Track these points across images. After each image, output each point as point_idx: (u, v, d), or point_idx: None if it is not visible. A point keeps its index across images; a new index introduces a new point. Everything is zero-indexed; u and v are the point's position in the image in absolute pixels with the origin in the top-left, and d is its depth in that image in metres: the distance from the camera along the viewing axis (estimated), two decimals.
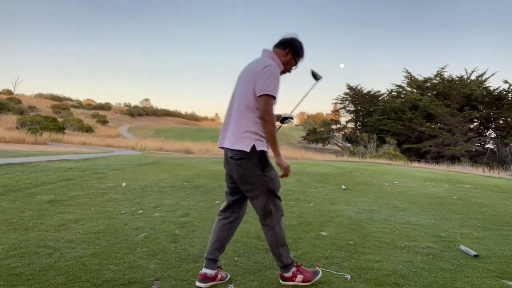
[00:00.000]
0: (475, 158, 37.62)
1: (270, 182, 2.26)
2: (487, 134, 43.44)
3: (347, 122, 56.02)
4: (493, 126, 42.64)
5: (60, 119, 39.48)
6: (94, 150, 22.18)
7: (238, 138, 2.19)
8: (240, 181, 2.28)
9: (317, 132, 55.90)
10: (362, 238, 3.58)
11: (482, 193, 8.16)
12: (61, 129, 32.18)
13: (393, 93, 50.17)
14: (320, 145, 55.56)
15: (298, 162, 17.84)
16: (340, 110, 57.11)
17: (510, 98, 39.36)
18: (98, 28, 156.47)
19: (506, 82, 39.40)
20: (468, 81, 42.63)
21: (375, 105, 50.21)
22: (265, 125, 2.16)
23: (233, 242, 3.26)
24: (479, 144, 41.09)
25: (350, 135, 53.78)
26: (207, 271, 2.32)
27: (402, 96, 48.13)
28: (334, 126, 56.52)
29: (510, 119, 39.40)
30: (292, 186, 7.35)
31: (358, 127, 53.85)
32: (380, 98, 51.61)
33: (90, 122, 54.34)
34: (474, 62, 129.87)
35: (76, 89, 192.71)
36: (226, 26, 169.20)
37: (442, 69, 45.31)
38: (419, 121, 41.27)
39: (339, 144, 54.44)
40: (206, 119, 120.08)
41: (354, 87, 53.24)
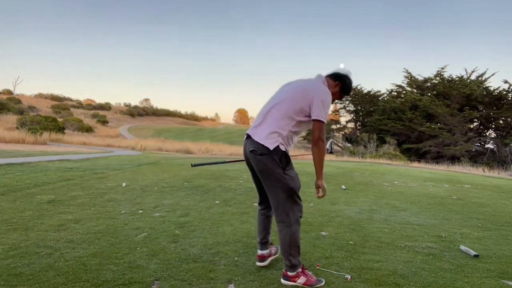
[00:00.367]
0: (475, 158, 37.60)
1: (291, 180, 2.34)
2: (487, 134, 43.41)
3: (347, 122, 56.04)
4: (493, 126, 42.61)
5: (60, 119, 39.50)
6: (94, 150, 22.18)
7: (267, 135, 2.30)
8: (261, 175, 2.38)
9: None
10: (362, 238, 3.58)
11: (482, 193, 8.16)
12: (61, 129, 32.18)
13: (393, 93, 50.15)
14: None
15: (298, 162, 17.83)
16: (340, 110, 57.11)
17: (510, 98, 39.33)
18: (98, 28, 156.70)
19: (506, 82, 39.37)
20: (468, 81, 42.59)
21: (375, 105, 50.19)
22: (317, 150, 2.34)
23: (233, 242, 3.26)
24: (479, 144, 41.06)
25: (350, 135, 53.78)
26: (263, 252, 2.66)
27: (402, 96, 48.10)
28: (334, 126, 56.48)
29: (510, 119, 39.37)
30: None
31: (358, 127, 53.85)
32: (380, 98, 51.59)
33: (90, 122, 54.35)
34: (474, 62, 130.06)
35: (76, 89, 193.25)
36: (226, 26, 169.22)
37: (442, 69, 45.31)
38: (419, 121, 41.25)
39: (339, 144, 54.45)
40: (206, 119, 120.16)
41: (354, 87, 53.24)
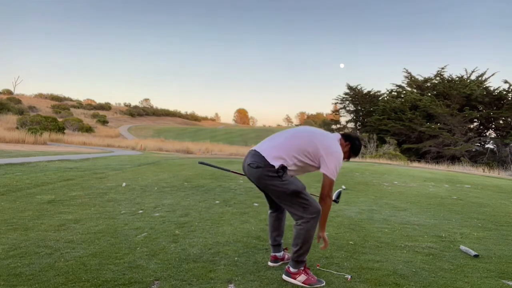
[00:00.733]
0: (475, 158, 37.60)
1: (291, 184, 2.39)
2: (487, 134, 43.39)
3: (347, 122, 56.03)
4: (493, 126, 42.60)
5: (60, 119, 39.48)
6: (94, 150, 22.18)
7: (274, 157, 2.41)
8: (260, 186, 2.49)
9: None
10: (362, 238, 3.58)
11: (482, 193, 8.17)
12: (61, 129, 32.18)
13: (393, 93, 50.15)
14: None
15: None
16: (340, 110, 57.13)
17: (510, 98, 39.31)
18: (98, 28, 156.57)
19: (506, 82, 39.34)
20: (468, 81, 42.60)
21: (375, 105, 50.17)
22: (323, 205, 2.46)
23: (233, 242, 3.26)
24: (479, 144, 41.05)
25: None
26: (276, 254, 2.74)
27: (402, 96, 48.10)
28: (334, 126, 56.51)
29: (510, 119, 39.36)
30: None
31: (358, 127, 53.83)
32: (380, 98, 51.58)
33: (90, 122, 54.35)
34: (474, 62, 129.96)
35: (76, 89, 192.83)
36: (226, 25, 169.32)
37: (442, 69, 45.33)
38: (419, 121, 41.24)
39: None
40: (206, 119, 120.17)
41: (354, 87, 53.25)
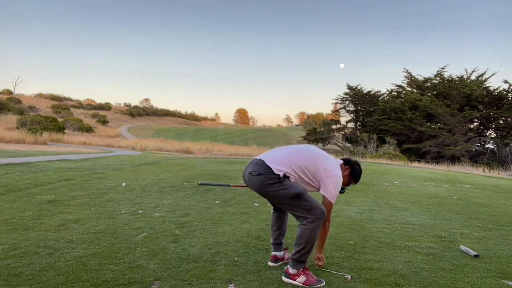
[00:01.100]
0: (475, 158, 37.59)
1: (291, 187, 2.40)
2: (487, 134, 43.39)
3: (347, 122, 56.04)
4: (493, 126, 42.59)
5: (60, 119, 39.47)
6: (94, 150, 22.18)
7: (276, 166, 2.44)
8: (261, 194, 2.51)
9: (317, 132, 55.92)
10: (362, 238, 3.58)
11: (482, 193, 8.17)
12: (61, 129, 32.17)
13: (393, 93, 50.15)
14: (320, 145, 55.56)
15: None
16: (340, 110, 57.12)
17: (510, 98, 39.30)
18: (98, 28, 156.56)
19: (506, 82, 39.34)
20: (468, 81, 42.59)
21: (375, 105, 50.17)
22: (323, 229, 2.53)
23: (233, 242, 3.26)
24: (479, 144, 41.05)
25: (350, 135, 53.78)
26: (277, 253, 2.74)
27: (402, 96, 48.10)
28: (334, 126, 56.51)
29: (510, 119, 39.34)
30: None
31: (358, 127, 53.84)
32: (380, 98, 51.59)
33: (90, 122, 54.36)
34: (474, 62, 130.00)
35: (76, 89, 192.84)
36: (225, 25, 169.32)
37: (442, 69, 45.33)
38: (419, 121, 41.24)
39: (339, 144, 54.46)
40: (206, 119, 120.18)
41: (354, 87, 53.25)
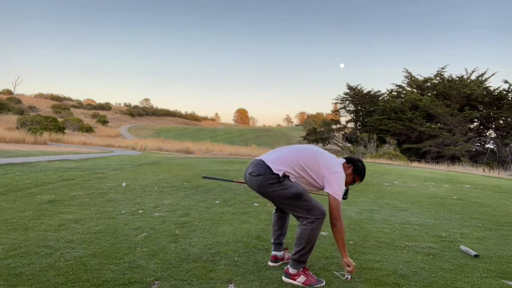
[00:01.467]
0: (475, 158, 37.59)
1: (291, 187, 2.40)
2: (487, 134, 43.39)
3: (347, 122, 56.05)
4: (493, 126, 42.60)
5: (60, 119, 39.45)
6: (94, 150, 22.17)
7: (276, 166, 2.44)
8: (261, 194, 2.50)
9: (317, 132, 55.93)
10: (362, 238, 3.58)
11: (482, 193, 8.17)
12: (61, 129, 32.16)
13: (393, 93, 50.14)
14: (320, 145, 55.57)
15: None
16: (340, 110, 57.12)
17: (510, 98, 39.31)
18: (98, 28, 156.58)
19: (506, 82, 39.37)
20: (468, 81, 42.59)
21: (375, 105, 50.17)
22: (335, 230, 2.40)
23: (233, 242, 3.26)
24: (479, 144, 41.05)
25: (350, 135, 53.77)
26: (277, 253, 2.72)
27: (402, 96, 48.10)
28: (334, 126, 56.52)
29: (510, 119, 39.34)
30: None
31: (358, 127, 53.83)
32: (380, 98, 51.59)
33: (90, 122, 54.36)
34: (474, 62, 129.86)
35: (76, 89, 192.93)
36: (226, 25, 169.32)
37: (442, 69, 45.32)
38: (419, 121, 41.24)
39: (339, 144, 54.46)
40: (206, 119, 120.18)
41: (354, 87, 53.24)
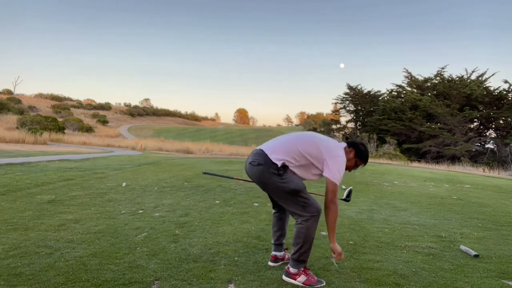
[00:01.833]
0: (475, 158, 37.60)
1: (290, 182, 2.39)
2: (487, 134, 43.40)
3: (347, 122, 56.05)
4: (493, 126, 42.60)
5: (60, 119, 39.44)
6: (94, 150, 22.17)
7: (276, 155, 2.43)
8: (260, 185, 2.49)
9: (317, 132, 55.88)
10: (362, 238, 3.58)
11: (482, 193, 8.16)
12: (61, 129, 32.15)
13: (393, 93, 50.15)
14: None
15: None
16: (340, 110, 57.13)
17: (510, 98, 39.32)
18: (98, 28, 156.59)
19: (506, 82, 39.39)
20: (468, 81, 42.60)
21: (375, 105, 50.17)
22: (328, 212, 2.43)
23: (233, 242, 3.26)
24: (479, 144, 41.04)
25: (350, 135, 53.77)
26: (277, 253, 2.73)
27: (402, 96, 48.10)
28: (334, 126, 56.53)
29: (510, 119, 39.35)
30: None
31: (358, 127, 53.83)
32: (380, 98, 51.58)
33: (90, 122, 54.37)
34: (474, 62, 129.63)
35: (76, 89, 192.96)
36: (225, 25, 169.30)
37: (442, 69, 45.34)
38: (419, 121, 41.24)
39: None
40: (206, 119, 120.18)
41: (354, 87, 53.24)
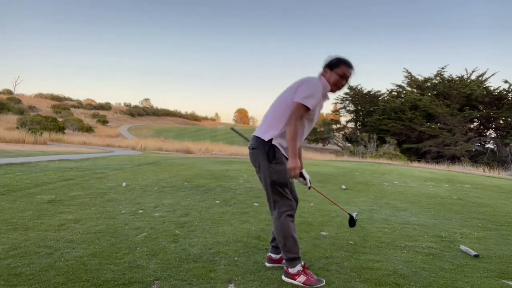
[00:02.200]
0: (475, 158, 37.61)
1: (274, 173, 2.39)
2: (487, 134, 43.43)
3: (347, 122, 56.04)
4: (493, 126, 42.62)
5: (60, 119, 39.46)
6: (94, 150, 22.17)
7: (264, 131, 2.45)
8: (256, 170, 2.52)
9: (317, 132, 55.85)
10: (362, 238, 3.58)
11: (482, 193, 8.16)
12: (61, 129, 32.17)
13: (393, 93, 50.15)
14: (320, 145, 55.59)
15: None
16: (340, 110, 57.11)
17: (510, 98, 39.33)
18: (98, 28, 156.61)
19: (506, 82, 39.40)
20: (468, 81, 42.61)
21: (375, 105, 50.16)
22: (288, 127, 2.37)
23: (233, 242, 3.26)
24: (479, 144, 41.06)
25: (350, 135, 53.78)
26: (272, 255, 2.71)
27: (402, 96, 48.11)
28: (334, 126, 56.47)
29: (510, 119, 39.36)
30: None
31: (358, 127, 53.83)
32: (380, 98, 51.58)
33: (90, 122, 54.38)
34: (474, 62, 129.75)
35: (76, 89, 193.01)
36: (226, 25, 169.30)
37: (442, 69, 45.33)
38: (419, 121, 41.26)
39: (339, 144, 54.45)
40: (206, 119, 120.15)
41: (354, 87, 53.16)
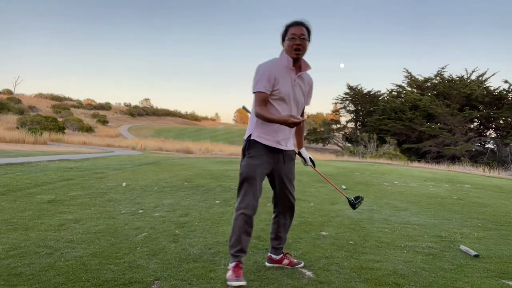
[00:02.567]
0: (475, 158, 37.58)
1: (243, 166, 2.45)
2: (487, 134, 43.39)
3: (347, 122, 56.00)
4: (493, 126, 42.59)
5: (60, 119, 39.48)
6: (94, 150, 22.18)
7: (247, 130, 2.53)
8: None
9: (317, 132, 55.86)
10: (362, 238, 3.58)
11: (482, 193, 8.16)
12: (61, 129, 32.18)
13: (393, 93, 50.11)
14: (320, 145, 55.57)
15: (298, 162, 17.81)
16: (340, 110, 57.09)
17: (510, 98, 39.30)
18: (98, 28, 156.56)
19: (506, 82, 39.35)
20: (468, 81, 42.58)
21: (375, 105, 50.13)
22: (257, 117, 2.38)
23: None
24: (479, 144, 41.03)
25: (350, 135, 53.76)
26: (272, 255, 2.71)
27: (402, 96, 48.08)
28: (334, 126, 56.46)
29: (510, 119, 39.33)
30: None
31: (358, 127, 53.81)
32: (380, 98, 51.53)
33: (90, 122, 54.40)
34: (474, 62, 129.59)
35: (76, 89, 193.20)
36: (226, 25, 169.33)
37: (442, 69, 45.29)
38: (419, 121, 41.24)
39: (339, 144, 54.44)
40: (206, 119, 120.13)
41: (354, 87, 53.19)
